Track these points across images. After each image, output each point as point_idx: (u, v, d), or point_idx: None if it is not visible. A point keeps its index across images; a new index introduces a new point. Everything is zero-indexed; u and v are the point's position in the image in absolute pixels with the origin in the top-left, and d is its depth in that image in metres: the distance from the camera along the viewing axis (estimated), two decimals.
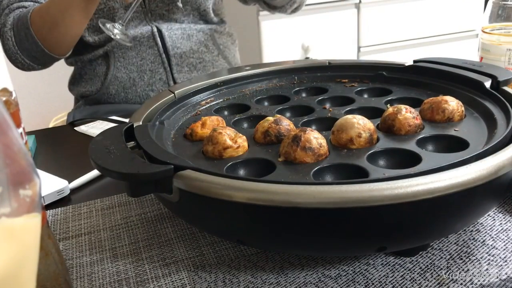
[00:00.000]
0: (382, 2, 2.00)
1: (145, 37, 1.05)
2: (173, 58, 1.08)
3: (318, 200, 0.34)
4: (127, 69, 1.07)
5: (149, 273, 0.44)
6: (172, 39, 1.07)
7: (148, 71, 1.08)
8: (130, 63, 1.07)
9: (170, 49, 1.07)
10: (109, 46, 1.06)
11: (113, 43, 1.04)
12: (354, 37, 2.02)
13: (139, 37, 1.05)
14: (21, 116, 0.45)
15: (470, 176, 0.35)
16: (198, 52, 1.11)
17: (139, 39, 1.05)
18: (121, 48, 1.06)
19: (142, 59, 1.07)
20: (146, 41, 1.06)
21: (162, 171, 0.39)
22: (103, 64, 1.08)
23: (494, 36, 0.71)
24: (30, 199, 0.21)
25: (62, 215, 0.56)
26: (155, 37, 1.06)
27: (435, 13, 2.07)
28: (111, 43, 1.05)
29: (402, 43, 2.10)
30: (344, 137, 0.46)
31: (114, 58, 1.06)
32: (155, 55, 1.07)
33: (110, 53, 1.06)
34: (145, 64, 1.07)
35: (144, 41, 1.05)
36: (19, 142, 0.21)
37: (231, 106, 0.63)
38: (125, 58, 1.06)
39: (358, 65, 0.70)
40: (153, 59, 1.07)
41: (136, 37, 1.05)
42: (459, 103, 0.52)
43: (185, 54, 1.09)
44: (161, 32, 1.06)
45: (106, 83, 1.08)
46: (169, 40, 1.07)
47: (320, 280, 0.41)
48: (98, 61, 1.08)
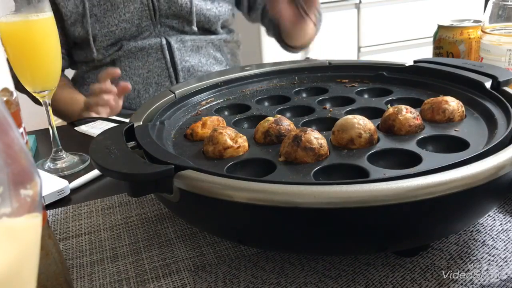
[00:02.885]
0: (382, 2, 2.00)
1: (153, 49, 1.04)
2: (181, 72, 1.07)
3: (318, 200, 0.34)
4: (132, 80, 1.06)
5: (149, 273, 0.44)
6: (181, 52, 1.06)
7: (154, 84, 1.07)
8: (136, 74, 1.06)
9: (178, 63, 1.06)
10: (116, 55, 1.05)
11: (120, 52, 1.04)
12: (354, 37, 2.02)
13: (147, 48, 1.04)
14: (21, 116, 0.45)
15: (470, 176, 0.35)
16: (207, 65, 1.11)
17: (147, 50, 1.04)
18: (128, 57, 1.05)
19: (149, 71, 1.06)
20: (154, 53, 1.05)
21: (163, 171, 0.39)
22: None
23: (495, 36, 0.71)
24: (31, 199, 0.21)
25: (63, 215, 0.56)
26: (164, 50, 1.05)
27: (435, 13, 2.07)
28: (118, 52, 1.04)
29: (402, 43, 2.10)
30: (345, 137, 0.46)
31: (120, 67, 1.05)
32: (162, 68, 1.06)
33: (117, 61, 1.06)
34: (152, 77, 1.06)
35: (152, 52, 1.05)
36: (20, 141, 0.21)
37: (231, 106, 0.63)
38: (131, 68, 1.06)
39: (359, 65, 0.70)
40: (160, 72, 1.06)
41: (144, 48, 1.04)
42: (459, 103, 0.52)
43: (193, 67, 1.08)
44: (170, 45, 1.05)
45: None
46: (178, 53, 1.06)
47: (320, 280, 0.41)
48: (103, 68, 1.07)
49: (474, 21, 0.80)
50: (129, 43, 1.04)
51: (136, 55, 1.05)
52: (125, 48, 1.04)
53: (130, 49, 1.04)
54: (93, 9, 1.01)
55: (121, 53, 1.04)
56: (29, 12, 0.62)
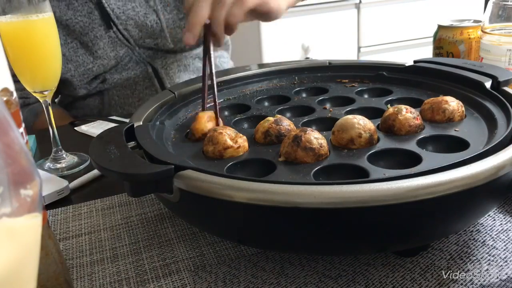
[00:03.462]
0: (382, 2, 2.00)
1: (140, 78, 0.99)
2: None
3: (318, 200, 0.34)
4: (123, 109, 1.01)
5: (149, 273, 0.44)
6: (169, 75, 1.00)
7: None
8: (127, 103, 1.00)
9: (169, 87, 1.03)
10: (101, 87, 0.99)
11: (106, 85, 0.98)
12: (354, 37, 2.02)
13: (133, 78, 0.98)
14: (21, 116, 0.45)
15: (470, 176, 0.35)
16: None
17: (134, 79, 0.98)
18: (116, 86, 0.99)
19: (140, 100, 1.00)
20: (142, 81, 0.99)
21: (163, 171, 0.39)
22: (97, 100, 1.02)
23: (495, 36, 0.71)
24: (31, 199, 0.21)
25: (63, 215, 0.56)
26: (151, 78, 0.99)
27: (435, 13, 2.07)
28: (103, 85, 0.98)
29: (402, 43, 2.10)
30: (345, 137, 0.46)
31: (108, 96, 1.00)
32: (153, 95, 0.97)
33: (105, 91, 1.00)
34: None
35: (140, 81, 0.99)
36: (20, 141, 0.21)
37: (231, 106, 0.63)
38: (120, 97, 1.00)
39: (359, 65, 0.70)
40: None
41: (130, 78, 0.98)
42: (459, 103, 0.52)
43: None
44: (157, 71, 0.99)
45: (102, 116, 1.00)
46: (167, 78, 1.00)
47: (320, 280, 0.41)
48: (91, 98, 1.02)
49: (474, 21, 0.80)
50: (113, 76, 0.98)
51: (123, 85, 0.99)
52: (110, 81, 0.98)
53: (116, 82, 0.98)
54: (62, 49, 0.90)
55: (106, 85, 0.98)
56: (29, 12, 0.62)
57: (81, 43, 0.94)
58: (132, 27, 0.94)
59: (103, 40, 0.94)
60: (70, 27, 0.93)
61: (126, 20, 0.93)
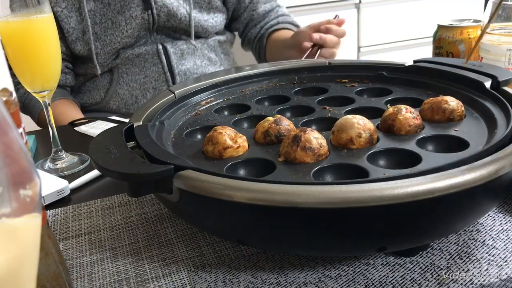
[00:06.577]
0: (382, 2, 2.00)
1: (150, 54, 1.05)
2: (178, 76, 1.07)
3: (318, 200, 0.34)
4: (129, 86, 1.07)
5: (149, 273, 0.44)
6: (177, 55, 1.07)
7: (151, 89, 1.07)
8: (133, 80, 1.07)
9: (175, 67, 1.07)
10: (113, 63, 1.06)
11: (118, 60, 1.05)
12: (354, 37, 2.02)
13: (143, 54, 1.05)
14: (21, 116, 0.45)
15: (470, 176, 0.35)
16: (202, 67, 1.11)
17: (144, 56, 1.05)
18: (125, 64, 1.06)
19: (146, 77, 1.07)
20: (151, 58, 1.06)
21: (162, 171, 0.39)
22: (105, 78, 1.08)
23: (494, 36, 0.71)
24: (31, 199, 0.21)
25: (62, 215, 0.56)
26: (160, 55, 1.06)
27: (435, 13, 2.07)
28: (116, 61, 1.05)
29: (402, 43, 2.10)
30: (344, 137, 0.46)
31: (117, 73, 1.06)
32: (159, 73, 1.06)
33: (114, 69, 1.06)
34: (149, 82, 1.07)
35: (149, 58, 1.06)
36: (20, 142, 0.21)
37: (231, 106, 0.63)
38: (129, 74, 1.06)
39: (358, 65, 0.70)
40: (157, 76, 1.07)
41: (140, 54, 1.05)
42: (459, 103, 0.52)
43: (189, 70, 1.09)
44: (166, 50, 1.06)
45: (107, 98, 1.07)
46: (175, 57, 1.07)
47: (320, 280, 0.41)
48: (101, 77, 1.08)
49: (474, 21, 0.80)
50: (126, 51, 1.05)
51: (133, 61, 1.06)
52: (122, 56, 1.05)
53: (127, 57, 1.05)
54: (95, 27, 1.01)
55: (118, 61, 1.05)
56: (29, 12, 0.62)
57: (113, 22, 1.01)
58: (164, 14, 1.03)
59: (136, 20, 1.01)
60: (111, 5, 1.00)
61: (162, 6, 1.02)
